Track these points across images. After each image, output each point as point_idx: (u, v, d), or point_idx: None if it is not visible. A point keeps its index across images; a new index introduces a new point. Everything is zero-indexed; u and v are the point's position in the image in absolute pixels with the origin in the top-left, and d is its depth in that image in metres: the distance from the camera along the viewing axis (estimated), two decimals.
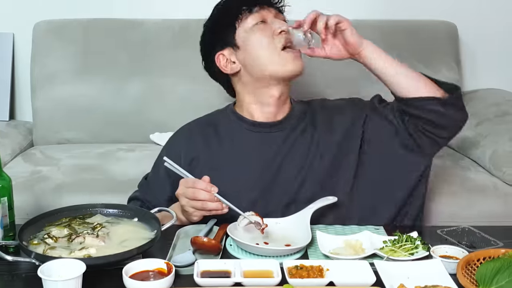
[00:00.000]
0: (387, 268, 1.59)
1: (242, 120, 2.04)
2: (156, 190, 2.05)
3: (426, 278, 1.53)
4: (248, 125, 2.03)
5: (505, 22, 3.52)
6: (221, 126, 2.07)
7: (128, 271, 1.52)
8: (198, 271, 1.55)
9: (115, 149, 3.04)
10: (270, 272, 1.56)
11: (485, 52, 3.55)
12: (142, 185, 2.12)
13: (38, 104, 3.19)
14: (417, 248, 1.70)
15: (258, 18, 1.98)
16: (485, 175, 2.79)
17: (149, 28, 3.25)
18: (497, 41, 3.55)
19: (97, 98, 3.16)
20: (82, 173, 2.74)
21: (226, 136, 2.04)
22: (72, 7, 3.33)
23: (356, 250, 1.71)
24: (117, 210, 1.83)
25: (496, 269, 1.51)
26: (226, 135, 2.04)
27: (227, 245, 1.75)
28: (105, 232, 1.70)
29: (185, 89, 3.17)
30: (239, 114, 2.06)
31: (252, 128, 2.03)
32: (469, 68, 3.55)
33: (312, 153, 1.99)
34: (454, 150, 3.15)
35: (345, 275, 1.56)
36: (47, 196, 2.56)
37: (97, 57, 3.20)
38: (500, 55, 3.56)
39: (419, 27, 3.35)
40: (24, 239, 1.63)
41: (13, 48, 3.36)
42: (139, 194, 2.08)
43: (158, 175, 2.06)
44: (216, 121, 2.10)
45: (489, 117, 3.10)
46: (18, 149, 3.08)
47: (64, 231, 1.71)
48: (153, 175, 2.11)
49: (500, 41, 3.55)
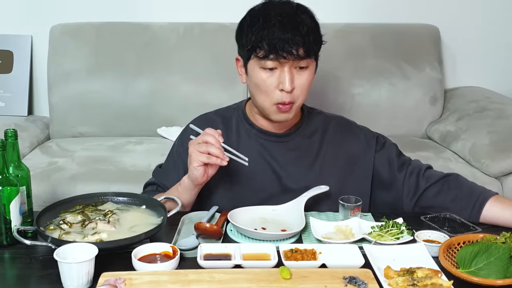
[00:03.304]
0: (375, 252, 1.59)
1: (251, 126, 1.95)
2: (170, 174, 1.99)
3: (410, 260, 1.53)
4: (255, 130, 1.94)
5: (484, 25, 3.53)
6: (233, 124, 1.97)
7: (137, 254, 1.52)
8: (201, 254, 1.55)
9: (124, 142, 3.04)
10: (268, 255, 1.56)
11: (465, 53, 3.55)
12: (156, 172, 2.06)
13: (54, 101, 3.19)
14: (402, 233, 1.69)
15: (272, 65, 1.76)
16: (465, 166, 2.80)
17: (156, 30, 3.25)
18: (476, 43, 3.55)
19: (108, 95, 3.16)
20: (94, 164, 2.74)
21: (236, 135, 1.96)
22: (85, 12, 3.33)
23: (346, 235, 1.71)
24: (127, 198, 1.82)
25: (475, 252, 1.51)
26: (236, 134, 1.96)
27: (228, 230, 1.74)
28: (116, 218, 1.70)
29: (189, 87, 3.18)
30: (249, 119, 1.96)
31: (258, 134, 1.94)
32: (450, 67, 3.55)
33: (313, 172, 1.93)
34: (436, 143, 3.16)
35: (336, 257, 1.56)
36: (63, 185, 2.57)
37: (108, 57, 3.20)
38: (479, 56, 3.56)
39: (404, 30, 3.35)
40: (41, 224, 1.63)
41: (31, 49, 3.35)
42: (155, 179, 2.03)
43: (173, 161, 2.01)
44: (229, 120, 1.99)
45: (469, 113, 3.11)
46: (36, 142, 3.08)
47: (78, 217, 1.70)
48: (167, 162, 2.04)
49: (479, 43, 3.55)
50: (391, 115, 3.24)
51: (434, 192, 1.89)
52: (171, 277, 1.44)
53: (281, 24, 1.74)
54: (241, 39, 1.83)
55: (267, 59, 1.75)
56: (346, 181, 1.94)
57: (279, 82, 1.77)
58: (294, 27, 1.74)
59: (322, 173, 1.93)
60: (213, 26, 3.27)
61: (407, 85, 3.24)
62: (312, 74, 1.83)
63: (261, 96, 1.82)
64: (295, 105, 1.82)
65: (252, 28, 1.77)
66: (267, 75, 1.78)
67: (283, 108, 1.80)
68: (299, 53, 1.74)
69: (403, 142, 2.17)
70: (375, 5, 3.45)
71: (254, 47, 1.76)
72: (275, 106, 1.80)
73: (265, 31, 1.74)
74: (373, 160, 1.96)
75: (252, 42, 1.76)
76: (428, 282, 1.40)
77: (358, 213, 1.79)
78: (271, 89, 1.78)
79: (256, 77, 1.80)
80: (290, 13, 1.77)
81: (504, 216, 1.79)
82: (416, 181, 1.92)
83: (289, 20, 1.75)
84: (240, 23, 1.86)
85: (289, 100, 1.78)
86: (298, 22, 1.75)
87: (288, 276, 1.44)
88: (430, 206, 1.89)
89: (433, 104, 3.28)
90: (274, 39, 1.72)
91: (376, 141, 1.99)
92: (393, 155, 1.97)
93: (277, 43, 1.72)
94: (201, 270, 1.48)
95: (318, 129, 1.97)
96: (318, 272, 1.48)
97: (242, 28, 1.83)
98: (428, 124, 3.29)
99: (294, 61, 1.75)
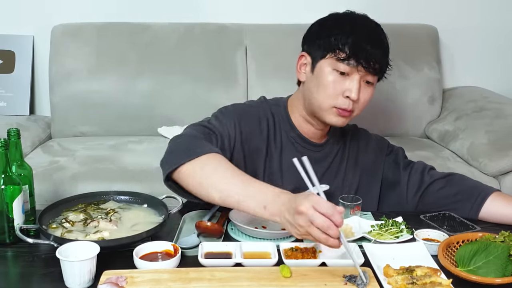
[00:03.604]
0: (375, 250, 1.59)
1: (292, 129, 1.91)
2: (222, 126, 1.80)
3: (410, 259, 1.53)
4: (294, 134, 1.91)
5: (482, 26, 3.53)
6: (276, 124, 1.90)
7: (138, 252, 1.52)
8: (202, 252, 1.54)
9: (125, 141, 3.03)
10: (268, 253, 1.56)
11: (464, 53, 3.55)
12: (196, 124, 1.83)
13: (56, 100, 3.19)
14: (402, 232, 1.70)
15: (346, 69, 1.75)
16: (463, 165, 2.79)
17: (157, 30, 3.24)
18: (475, 43, 3.55)
19: (110, 95, 3.16)
20: (96, 163, 2.73)
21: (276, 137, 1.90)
22: (87, 12, 3.33)
23: (346, 233, 1.70)
24: (128, 197, 1.82)
25: (474, 251, 1.51)
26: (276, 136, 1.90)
27: (229, 229, 1.74)
28: (118, 217, 1.70)
29: (190, 87, 3.17)
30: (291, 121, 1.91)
31: (297, 140, 1.91)
32: (449, 67, 3.55)
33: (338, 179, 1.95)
34: (435, 143, 3.16)
35: (336, 256, 1.56)
36: (64, 184, 2.56)
37: (110, 57, 3.19)
38: (477, 56, 3.56)
39: (403, 30, 3.35)
40: (44, 223, 1.63)
41: (33, 49, 3.35)
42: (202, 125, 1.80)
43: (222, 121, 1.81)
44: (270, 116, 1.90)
45: (467, 112, 3.11)
46: (37, 141, 3.07)
47: (80, 216, 1.70)
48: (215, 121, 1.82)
49: (477, 43, 3.55)
50: (390, 115, 3.24)
51: (438, 187, 1.91)
52: (172, 275, 1.44)
53: (367, 35, 1.77)
54: (319, 37, 1.81)
55: (345, 62, 1.75)
56: (362, 186, 1.98)
57: (346, 89, 1.77)
58: (377, 41, 1.79)
59: (345, 181, 1.96)
60: (213, 27, 3.27)
61: (405, 85, 3.24)
62: (373, 92, 1.84)
63: (323, 96, 1.79)
64: (353, 115, 1.83)
65: (338, 30, 1.78)
66: (337, 78, 1.77)
67: (343, 113, 1.80)
68: (375, 67, 1.76)
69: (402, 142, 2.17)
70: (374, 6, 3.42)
71: (334, 47, 1.76)
72: (334, 109, 1.80)
73: (351, 35, 1.75)
74: (383, 164, 2.01)
75: (337, 42, 1.76)
76: (427, 280, 1.40)
77: (358, 212, 1.79)
78: (336, 93, 1.78)
79: (325, 77, 1.78)
80: (374, 29, 1.83)
81: (506, 211, 1.80)
82: (421, 177, 1.94)
83: (374, 34, 1.80)
84: (322, 21, 1.86)
85: (351, 108, 1.79)
86: (380, 39, 1.81)
87: (288, 274, 1.44)
88: (433, 202, 1.90)
89: (432, 104, 3.28)
90: (359, 45, 1.74)
91: (387, 147, 2.04)
92: (400, 157, 2.02)
93: (360, 51, 1.74)
94: (202, 268, 1.48)
95: (340, 139, 1.99)
96: (318, 271, 1.48)
97: (327, 25, 1.83)
98: (427, 124, 3.29)
99: (366, 72, 1.76)
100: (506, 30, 3.54)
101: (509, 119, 2.92)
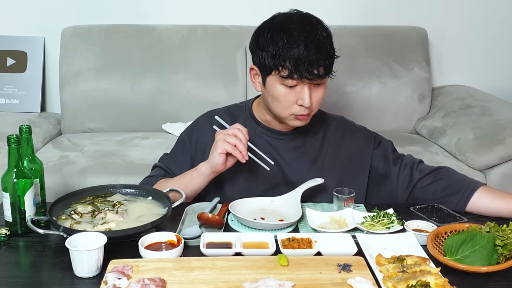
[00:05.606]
0: (367, 240, 1.59)
1: (258, 124, 1.93)
2: (178, 161, 1.97)
3: (400, 248, 1.53)
4: (262, 128, 1.92)
5: (469, 27, 3.52)
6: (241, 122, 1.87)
7: (143, 242, 1.52)
8: (204, 242, 1.54)
9: (131, 137, 3.03)
10: (266, 243, 1.56)
11: (451, 53, 3.55)
12: (164, 157, 2.03)
13: (66, 98, 3.18)
14: (393, 223, 1.69)
15: (291, 83, 1.73)
16: (451, 160, 2.79)
17: (161, 32, 3.24)
18: (462, 44, 3.54)
19: (116, 93, 3.15)
20: (103, 158, 2.73)
21: None
22: (95, 14, 3.32)
23: (340, 224, 1.70)
24: (134, 190, 1.81)
25: (461, 241, 1.50)
26: None
27: (229, 220, 1.74)
28: (124, 209, 1.70)
29: (192, 85, 3.16)
30: (256, 117, 1.93)
31: (265, 132, 1.92)
32: (437, 67, 3.55)
33: (316, 168, 1.92)
34: (424, 138, 3.15)
35: (331, 246, 1.55)
36: (73, 177, 2.56)
37: (117, 57, 3.19)
38: (464, 56, 3.56)
39: (394, 31, 3.34)
40: (54, 215, 1.63)
41: (44, 50, 3.34)
42: (162, 164, 2.00)
43: (180, 150, 1.98)
44: (236, 117, 1.95)
45: (455, 110, 3.11)
46: (48, 137, 3.07)
47: (88, 208, 1.70)
48: (174, 150, 2.01)
49: (464, 44, 3.55)
50: (382, 112, 3.23)
51: (427, 182, 1.89)
52: (175, 264, 1.43)
53: (305, 45, 1.69)
54: (261, 53, 1.76)
55: (290, 78, 1.72)
56: (345, 177, 1.93)
57: (298, 98, 1.75)
58: (317, 47, 1.70)
59: (324, 170, 1.92)
60: (215, 28, 3.27)
61: (396, 83, 3.23)
62: (326, 87, 1.81)
63: (278, 108, 1.79)
64: (311, 114, 1.82)
65: (275, 45, 1.72)
66: (287, 91, 1.75)
67: (301, 118, 1.79)
68: (320, 73, 1.72)
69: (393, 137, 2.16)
70: (366, 9, 3.44)
71: (277, 65, 1.72)
72: (292, 115, 1.79)
73: (289, 51, 1.70)
74: (371, 157, 1.96)
75: (276, 61, 1.72)
76: (417, 269, 1.40)
77: (351, 204, 1.79)
78: (290, 104, 1.77)
79: (275, 92, 1.77)
80: (312, 32, 1.72)
81: (493, 205, 1.79)
82: (410, 173, 1.92)
83: (312, 40, 1.70)
84: (259, 34, 1.79)
85: (307, 112, 1.78)
86: (320, 41, 1.72)
87: (286, 263, 1.44)
88: (422, 197, 1.89)
89: (421, 102, 3.27)
90: (299, 59, 1.69)
91: (374, 140, 1.99)
92: (389, 151, 1.98)
93: (301, 65, 1.69)
94: (203, 258, 1.48)
95: (320, 129, 1.96)
96: (313, 260, 1.48)
97: (262, 41, 1.76)
98: (417, 120, 3.28)
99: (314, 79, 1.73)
100: (492, 31, 3.54)
101: (494, 116, 2.92)
